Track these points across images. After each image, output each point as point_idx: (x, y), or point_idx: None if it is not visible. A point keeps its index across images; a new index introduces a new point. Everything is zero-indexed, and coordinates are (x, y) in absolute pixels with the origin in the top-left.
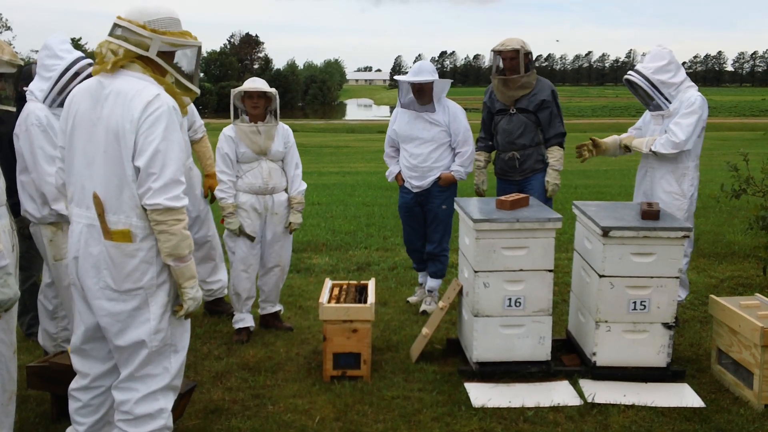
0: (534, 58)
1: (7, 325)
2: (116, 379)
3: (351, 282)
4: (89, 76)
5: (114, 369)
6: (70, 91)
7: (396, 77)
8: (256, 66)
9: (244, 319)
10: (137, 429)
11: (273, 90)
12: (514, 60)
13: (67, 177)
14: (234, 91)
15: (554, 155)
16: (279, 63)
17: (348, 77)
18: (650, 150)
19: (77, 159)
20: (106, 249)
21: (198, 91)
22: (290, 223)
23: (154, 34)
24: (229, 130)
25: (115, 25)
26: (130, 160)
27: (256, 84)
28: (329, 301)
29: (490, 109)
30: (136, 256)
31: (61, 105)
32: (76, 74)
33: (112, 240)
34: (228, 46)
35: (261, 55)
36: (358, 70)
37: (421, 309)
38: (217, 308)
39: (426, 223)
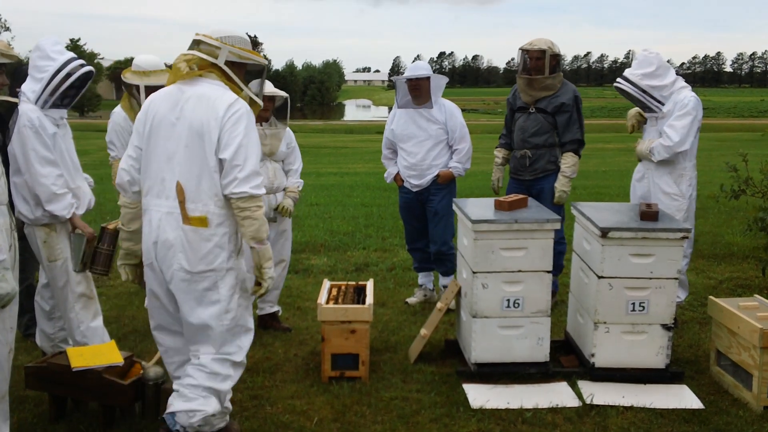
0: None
1: (3, 324)
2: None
3: (349, 283)
4: (82, 77)
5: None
6: (62, 92)
7: (393, 78)
8: None
9: None
10: (205, 382)
11: (285, 94)
12: (540, 60)
13: (144, 173)
14: None
15: (567, 161)
16: (277, 64)
17: (347, 78)
18: (652, 159)
19: (156, 156)
20: (184, 233)
21: (262, 104)
22: (283, 207)
23: (223, 45)
24: None
25: (194, 41)
26: (213, 153)
27: (266, 87)
28: (327, 302)
29: (512, 107)
30: (211, 240)
31: (54, 106)
32: (68, 75)
33: (191, 224)
34: None
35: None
36: (357, 70)
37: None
38: None
39: (427, 220)
